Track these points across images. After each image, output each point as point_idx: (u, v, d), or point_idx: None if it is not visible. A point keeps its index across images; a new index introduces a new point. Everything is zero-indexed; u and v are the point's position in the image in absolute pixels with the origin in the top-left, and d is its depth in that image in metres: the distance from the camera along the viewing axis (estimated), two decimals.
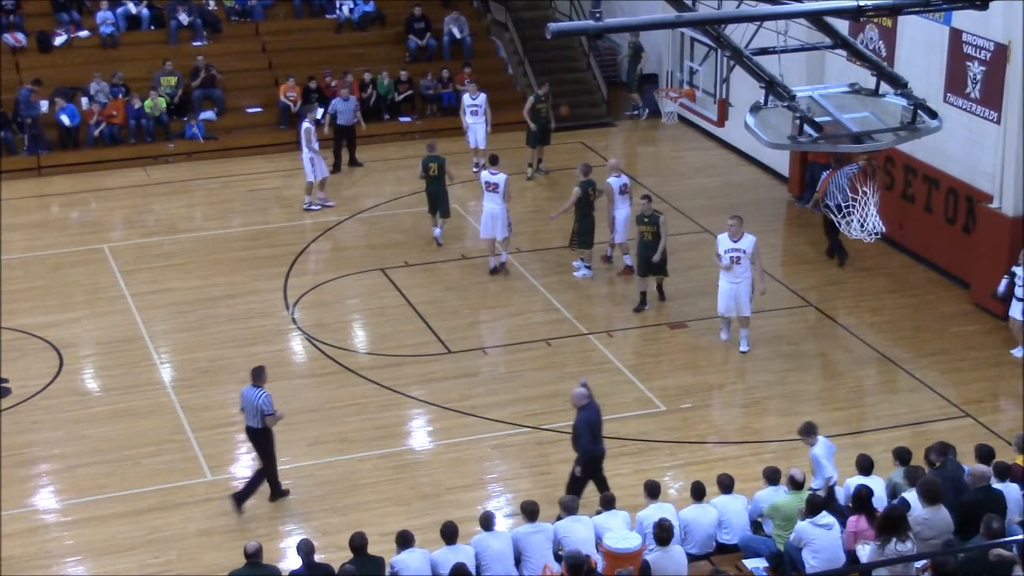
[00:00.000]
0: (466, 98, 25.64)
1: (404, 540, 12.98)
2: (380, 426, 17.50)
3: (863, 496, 13.06)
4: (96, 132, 26.28)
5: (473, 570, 12.78)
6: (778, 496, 13.58)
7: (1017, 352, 18.88)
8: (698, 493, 13.76)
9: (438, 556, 12.91)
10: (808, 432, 14.64)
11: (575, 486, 14.91)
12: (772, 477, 13.86)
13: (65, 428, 17.40)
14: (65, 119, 26.05)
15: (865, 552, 12.54)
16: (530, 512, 13.38)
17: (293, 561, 13.82)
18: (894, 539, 12.02)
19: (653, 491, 13.72)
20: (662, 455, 16.65)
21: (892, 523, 12.14)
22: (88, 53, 27.94)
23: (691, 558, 13.22)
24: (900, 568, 11.90)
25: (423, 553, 12.94)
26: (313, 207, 24.10)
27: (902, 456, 14.02)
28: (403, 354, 19.23)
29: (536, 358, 19.09)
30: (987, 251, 19.90)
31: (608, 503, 13.70)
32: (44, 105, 26.20)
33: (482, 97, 25.52)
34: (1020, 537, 11.52)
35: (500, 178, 21.10)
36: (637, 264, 20.23)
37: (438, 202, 22.52)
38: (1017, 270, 18.52)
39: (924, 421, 17.41)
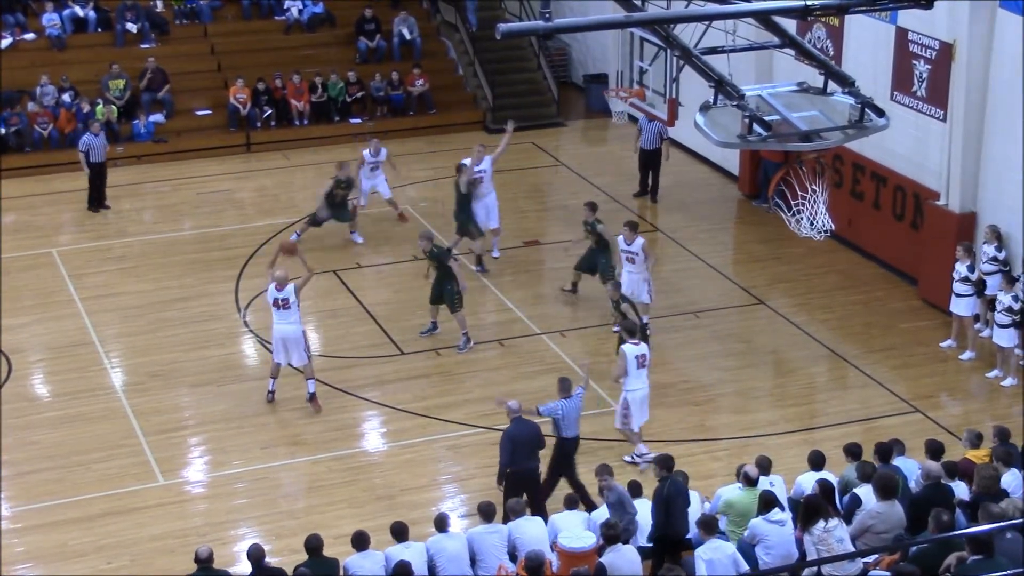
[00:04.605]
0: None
1: (360, 541, 12.93)
2: (334, 428, 17.46)
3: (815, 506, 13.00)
4: (45, 134, 26.07)
5: (426, 570, 12.80)
6: (732, 493, 13.66)
7: (944, 344, 19.22)
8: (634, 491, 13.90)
9: (390, 554, 12.89)
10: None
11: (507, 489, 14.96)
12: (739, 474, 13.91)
13: (15, 434, 17.22)
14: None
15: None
16: (487, 513, 13.40)
17: (247, 565, 13.75)
18: (821, 521, 12.14)
19: None
20: (616, 454, 16.69)
21: (812, 510, 12.30)
22: (34, 56, 27.63)
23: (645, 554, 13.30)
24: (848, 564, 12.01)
25: (378, 555, 12.91)
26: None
27: (853, 452, 14.12)
28: (356, 356, 19.20)
29: (489, 358, 19.10)
30: (935, 247, 20.08)
31: (571, 503, 13.78)
32: None
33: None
34: (971, 530, 11.62)
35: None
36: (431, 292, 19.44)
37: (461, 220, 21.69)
38: (959, 266, 18.73)
39: (875, 417, 17.57)
